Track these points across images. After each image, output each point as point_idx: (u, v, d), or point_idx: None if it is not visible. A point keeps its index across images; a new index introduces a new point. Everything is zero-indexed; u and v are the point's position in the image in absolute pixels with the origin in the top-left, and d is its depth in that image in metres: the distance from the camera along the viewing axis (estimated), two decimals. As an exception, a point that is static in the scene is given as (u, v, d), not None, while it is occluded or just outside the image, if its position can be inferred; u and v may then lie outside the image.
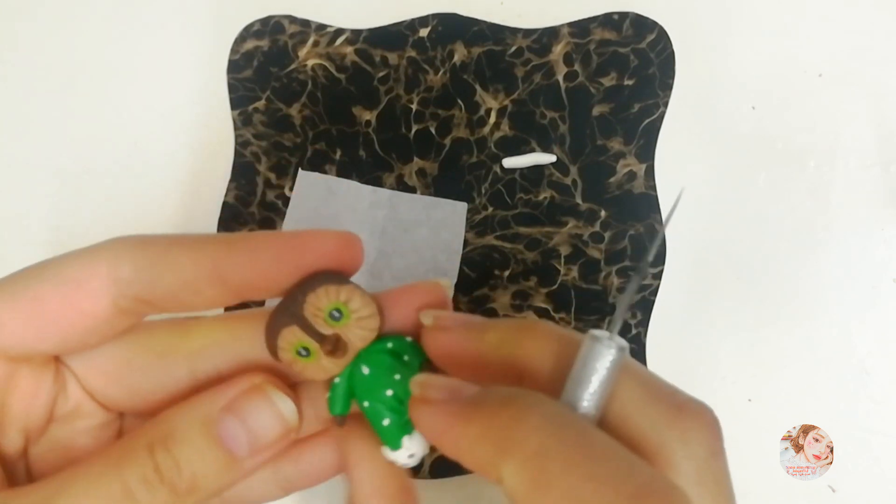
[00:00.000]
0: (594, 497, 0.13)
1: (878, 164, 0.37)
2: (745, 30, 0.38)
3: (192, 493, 0.16)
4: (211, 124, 0.40)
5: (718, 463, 0.15)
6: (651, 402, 0.15)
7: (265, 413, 0.16)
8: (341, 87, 0.38)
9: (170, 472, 0.15)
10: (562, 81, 0.38)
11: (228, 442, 0.16)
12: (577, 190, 0.37)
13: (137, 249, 0.17)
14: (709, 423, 0.15)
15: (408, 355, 0.18)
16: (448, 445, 0.15)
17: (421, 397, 0.16)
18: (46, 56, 0.41)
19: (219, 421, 0.16)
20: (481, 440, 0.14)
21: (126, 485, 0.15)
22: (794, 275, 0.36)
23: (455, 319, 0.17)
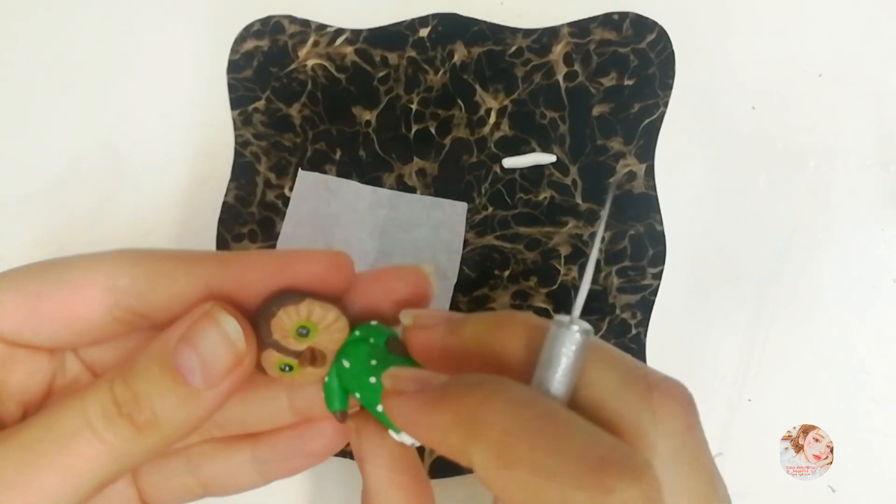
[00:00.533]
0: (559, 470, 0.13)
1: (878, 163, 0.37)
2: (745, 30, 0.38)
3: (152, 427, 0.16)
4: (211, 124, 0.40)
5: (694, 437, 0.15)
6: (623, 383, 0.15)
7: (214, 337, 0.16)
8: (341, 87, 0.38)
9: (128, 405, 0.15)
10: (562, 81, 0.38)
11: (184, 371, 0.16)
12: (577, 190, 0.37)
13: (136, 262, 0.17)
14: (681, 398, 0.15)
15: (373, 338, 0.18)
16: (422, 434, 0.16)
17: (393, 389, 0.16)
18: (46, 56, 0.41)
19: (175, 351, 0.16)
20: (451, 426, 0.15)
21: (87, 417, 0.15)
22: (794, 275, 0.36)
23: (434, 317, 0.17)
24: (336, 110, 0.38)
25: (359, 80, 0.38)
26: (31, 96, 0.41)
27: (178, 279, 0.17)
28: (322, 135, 0.38)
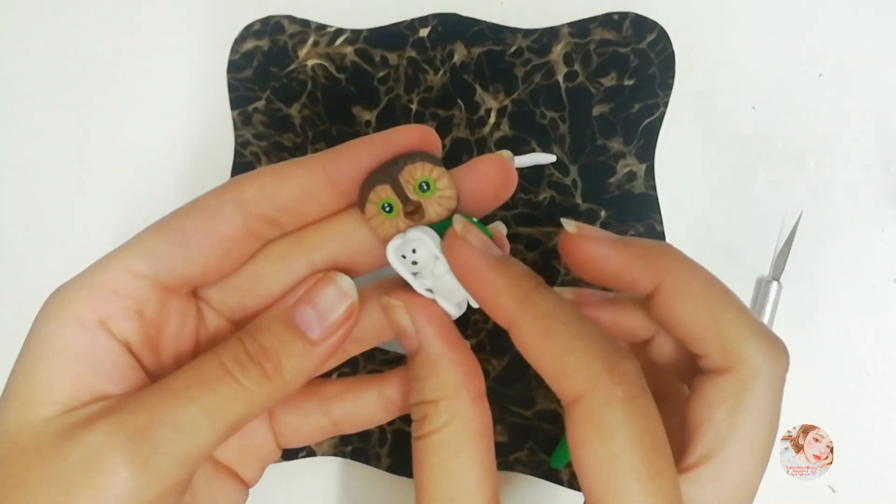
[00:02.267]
0: (584, 347, 0.17)
1: (878, 164, 0.37)
2: (745, 30, 0.38)
3: (278, 373, 0.18)
4: (211, 124, 0.40)
5: (781, 390, 0.20)
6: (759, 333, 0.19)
7: (330, 293, 0.19)
8: (341, 87, 0.38)
9: (257, 355, 0.18)
10: (562, 81, 0.38)
11: (302, 326, 0.19)
12: (577, 190, 0.37)
13: (257, 175, 0.19)
14: (786, 355, 0.20)
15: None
16: (475, 283, 0.19)
17: (461, 236, 0.19)
18: (46, 56, 0.41)
19: (294, 309, 0.19)
20: (506, 291, 0.18)
21: (223, 365, 0.18)
22: (794, 275, 0.36)
23: (599, 232, 0.20)
24: (336, 110, 0.38)
25: (359, 81, 0.38)
26: (30, 96, 0.41)
27: (296, 175, 0.19)
28: (322, 135, 0.38)
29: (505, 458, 0.36)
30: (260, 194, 0.19)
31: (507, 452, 0.36)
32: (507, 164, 0.21)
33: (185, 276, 0.19)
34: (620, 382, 0.17)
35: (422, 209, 0.19)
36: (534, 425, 0.36)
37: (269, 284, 0.21)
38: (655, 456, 0.17)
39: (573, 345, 0.17)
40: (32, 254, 0.40)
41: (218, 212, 0.19)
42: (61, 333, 0.18)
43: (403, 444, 0.36)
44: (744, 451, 0.19)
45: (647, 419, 0.17)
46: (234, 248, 0.20)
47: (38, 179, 0.40)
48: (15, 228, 0.40)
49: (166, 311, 0.20)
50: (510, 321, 0.18)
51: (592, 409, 0.17)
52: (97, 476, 0.16)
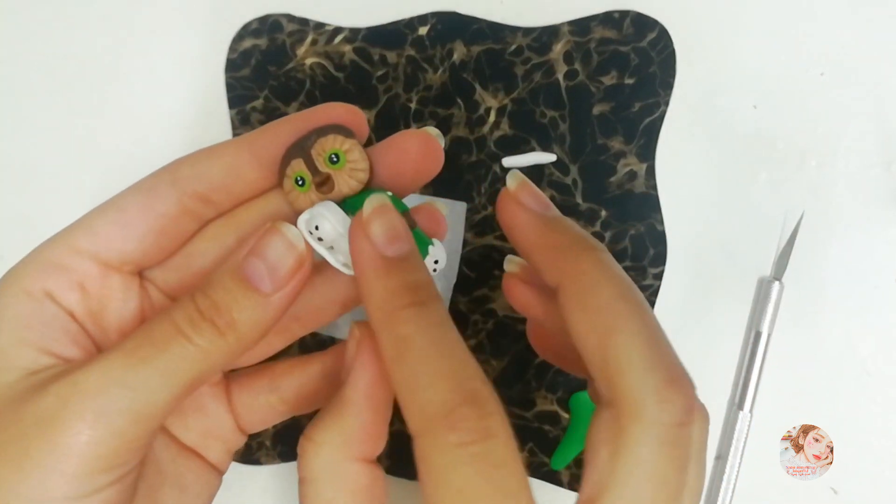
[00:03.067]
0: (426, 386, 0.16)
1: (880, 163, 0.37)
2: (746, 28, 0.38)
3: (231, 329, 0.18)
4: (209, 123, 0.39)
5: (685, 434, 0.17)
6: (651, 365, 0.17)
7: (278, 244, 0.19)
8: (340, 86, 0.38)
9: (209, 311, 0.18)
10: (562, 80, 0.37)
11: (254, 280, 0.19)
12: (577, 189, 0.37)
13: (191, 155, 0.20)
14: (688, 401, 0.17)
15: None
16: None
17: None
18: (44, 55, 0.41)
19: (244, 262, 0.19)
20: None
21: (175, 324, 0.18)
22: (795, 275, 0.36)
23: (533, 201, 0.20)
24: (335, 109, 0.38)
25: (357, 79, 0.38)
26: (27, 95, 0.41)
27: (225, 154, 0.20)
28: (321, 134, 0.38)
29: (505, 459, 0.36)
30: (192, 172, 0.20)
31: (506, 453, 0.36)
32: (430, 140, 0.20)
33: (123, 252, 0.20)
34: (454, 428, 0.16)
35: (331, 181, 0.20)
36: (533, 427, 0.36)
37: (203, 263, 0.21)
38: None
39: (417, 381, 0.17)
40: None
41: (153, 190, 0.20)
42: (11, 304, 0.19)
43: (402, 446, 0.36)
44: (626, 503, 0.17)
45: (482, 464, 0.16)
46: (170, 226, 0.20)
47: (35, 178, 0.40)
48: (13, 228, 0.40)
49: (108, 286, 0.20)
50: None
51: (423, 450, 0.17)
52: (52, 433, 0.17)
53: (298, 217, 0.20)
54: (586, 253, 0.19)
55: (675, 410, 0.16)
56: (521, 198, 0.20)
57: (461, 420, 0.16)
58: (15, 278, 0.19)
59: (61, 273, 0.19)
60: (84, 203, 0.40)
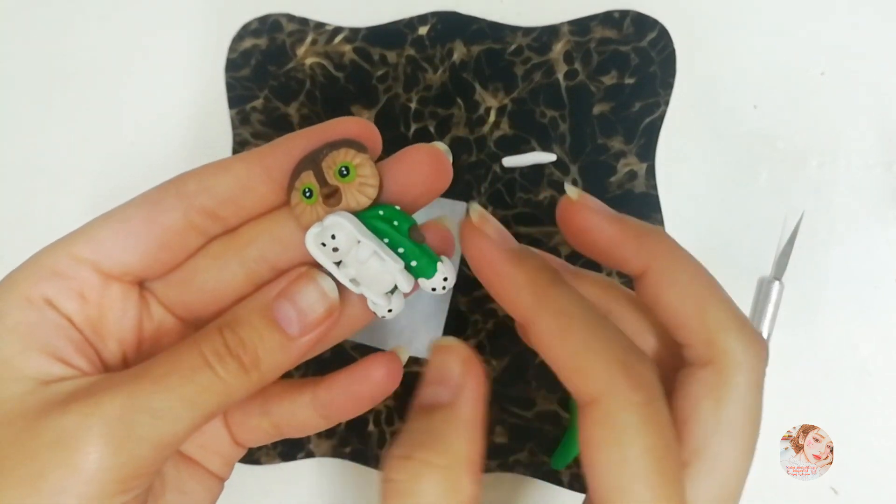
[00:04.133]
0: (602, 348, 0.17)
1: (880, 163, 0.37)
2: (746, 28, 0.38)
3: (255, 367, 0.19)
4: (209, 123, 0.39)
5: (761, 382, 0.19)
6: (740, 325, 0.19)
7: (311, 292, 0.19)
8: (340, 86, 0.38)
9: (236, 348, 0.18)
10: (562, 80, 0.37)
11: (282, 322, 0.19)
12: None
13: (199, 169, 0.20)
14: (766, 354, 0.19)
15: (397, 221, 0.20)
16: (491, 277, 0.19)
17: (478, 227, 0.19)
18: (43, 55, 0.41)
19: (274, 304, 0.19)
20: (523, 286, 0.18)
21: (203, 355, 0.18)
22: (795, 275, 0.36)
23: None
24: (334, 109, 0.38)
25: (357, 79, 0.38)
26: (27, 95, 0.41)
27: (235, 168, 0.19)
28: (320, 134, 0.38)
29: (505, 460, 0.36)
30: (199, 186, 0.19)
31: (507, 453, 0.36)
32: (439, 155, 0.20)
33: (125, 263, 0.20)
34: (638, 386, 0.17)
35: (339, 194, 0.19)
36: (534, 426, 0.36)
37: (204, 279, 0.21)
38: (666, 463, 0.17)
39: (591, 345, 0.17)
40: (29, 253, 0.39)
41: (159, 203, 0.20)
42: (12, 312, 0.19)
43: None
44: (732, 445, 0.19)
45: (660, 425, 0.17)
46: (174, 240, 0.20)
47: (35, 178, 0.40)
48: (12, 228, 0.40)
49: (108, 296, 0.20)
50: (527, 317, 0.18)
51: (609, 412, 0.17)
52: (71, 455, 0.17)
53: (309, 229, 0.19)
54: (662, 236, 0.20)
55: (763, 358, 0.19)
56: (588, 203, 0.21)
57: (642, 377, 0.17)
58: (14, 285, 0.19)
59: (61, 280, 0.19)
60: (84, 203, 0.40)
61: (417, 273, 0.20)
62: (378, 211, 0.20)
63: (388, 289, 0.20)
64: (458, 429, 0.19)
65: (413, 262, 0.20)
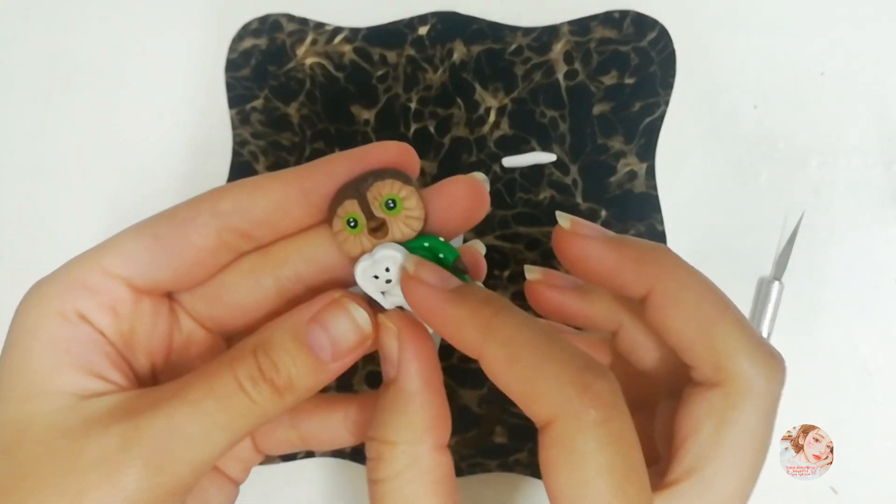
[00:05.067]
0: (553, 370, 0.17)
1: (880, 163, 0.37)
2: (746, 28, 0.38)
3: (289, 390, 0.19)
4: (208, 123, 0.39)
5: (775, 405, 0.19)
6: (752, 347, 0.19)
7: (344, 322, 0.19)
8: (340, 86, 0.38)
9: (269, 372, 0.18)
10: (562, 80, 0.37)
11: (315, 348, 0.19)
12: (577, 189, 0.37)
13: (234, 188, 0.20)
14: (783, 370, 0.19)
15: (442, 253, 0.20)
16: (435, 320, 0.19)
17: (415, 275, 0.19)
18: (43, 56, 0.41)
19: (307, 330, 0.19)
20: (466, 323, 0.18)
21: (238, 380, 0.18)
22: (795, 275, 0.36)
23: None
24: (334, 109, 0.38)
25: (357, 79, 0.38)
26: (27, 96, 0.41)
27: (272, 189, 0.19)
28: (320, 134, 0.38)
29: (505, 460, 0.36)
30: (234, 207, 0.19)
31: (507, 453, 0.36)
32: (479, 187, 0.21)
33: (156, 280, 0.20)
34: (593, 405, 0.16)
35: (385, 227, 0.19)
36: (534, 426, 0.36)
37: (235, 296, 0.21)
38: (627, 483, 0.16)
39: (541, 368, 0.17)
40: (32, 254, 0.39)
41: (192, 221, 0.19)
42: (46, 326, 0.19)
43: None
44: (729, 469, 0.19)
45: (620, 444, 0.17)
46: (207, 258, 0.20)
47: (35, 178, 0.40)
48: (11, 228, 0.40)
49: (139, 310, 0.20)
50: (476, 352, 0.18)
51: (563, 433, 0.17)
52: (112, 475, 0.17)
53: (359, 259, 0.19)
54: (664, 256, 0.20)
55: (778, 380, 0.19)
56: (580, 230, 0.21)
57: (599, 395, 0.16)
58: (44, 298, 0.19)
59: (93, 295, 0.19)
60: (84, 203, 0.40)
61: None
62: (423, 242, 0.20)
63: None
64: (405, 403, 0.19)
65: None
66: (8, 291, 0.42)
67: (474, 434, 0.36)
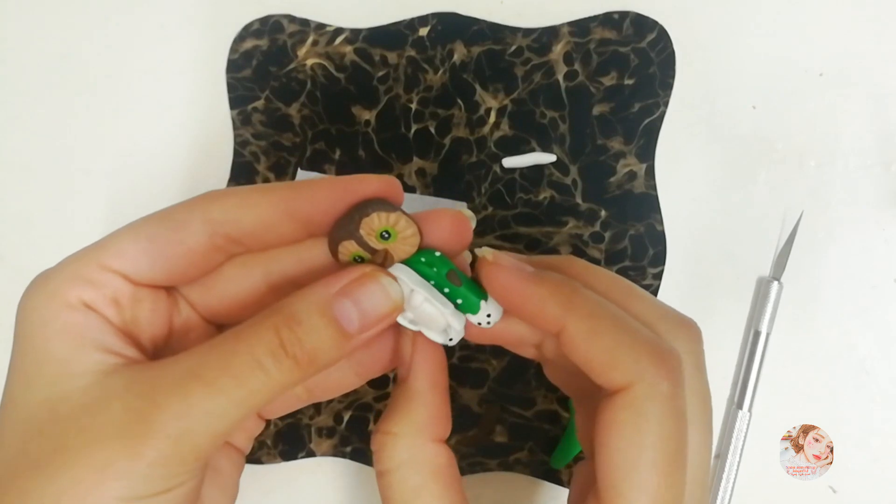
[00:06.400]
0: (631, 343, 0.19)
1: (878, 163, 0.37)
2: (745, 29, 0.38)
3: (311, 364, 0.19)
4: (210, 124, 0.39)
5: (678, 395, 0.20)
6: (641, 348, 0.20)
7: (377, 294, 0.20)
8: (340, 87, 0.38)
9: (293, 347, 0.19)
10: (562, 81, 0.38)
11: (343, 321, 0.19)
12: (577, 190, 0.37)
13: (226, 196, 0.21)
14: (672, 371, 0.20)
15: (436, 267, 0.21)
16: (518, 298, 0.20)
17: (494, 262, 0.20)
18: (44, 56, 0.41)
19: (334, 303, 0.19)
20: (549, 299, 0.20)
21: (256, 357, 0.19)
22: (794, 275, 0.36)
23: (510, 262, 0.21)
24: (335, 110, 0.38)
25: (358, 80, 0.38)
26: (29, 96, 0.41)
27: (260, 205, 0.20)
28: (321, 134, 0.38)
29: (505, 459, 0.36)
30: (224, 217, 0.20)
31: (507, 453, 0.36)
32: (464, 221, 0.22)
33: (152, 278, 0.21)
34: (666, 378, 0.18)
35: (390, 255, 0.21)
36: (534, 426, 0.36)
37: (227, 286, 0.22)
38: (678, 456, 0.18)
39: (621, 340, 0.19)
40: (32, 254, 0.40)
41: (186, 225, 0.20)
42: (57, 316, 0.19)
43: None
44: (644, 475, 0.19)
45: (679, 418, 0.18)
46: (199, 259, 0.21)
47: (36, 178, 0.40)
48: (12, 228, 0.40)
49: (139, 300, 0.21)
50: (558, 325, 0.20)
51: (636, 399, 0.18)
52: (136, 447, 0.18)
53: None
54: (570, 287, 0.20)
55: (663, 383, 0.19)
56: (501, 262, 0.21)
57: (671, 370, 0.18)
58: (49, 290, 0.20)
59: (95, 288, 0.20)
60: (85, 203, 0.40)
61: (463, 310, 0.21)
62: (420, 258, 0.21)
63: (443, 327, 0.21)
64: (411, 399, 0.21)
65: (458, 301, 0.21)
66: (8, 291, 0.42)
67: (474, 433, 0.36)
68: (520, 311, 0.20)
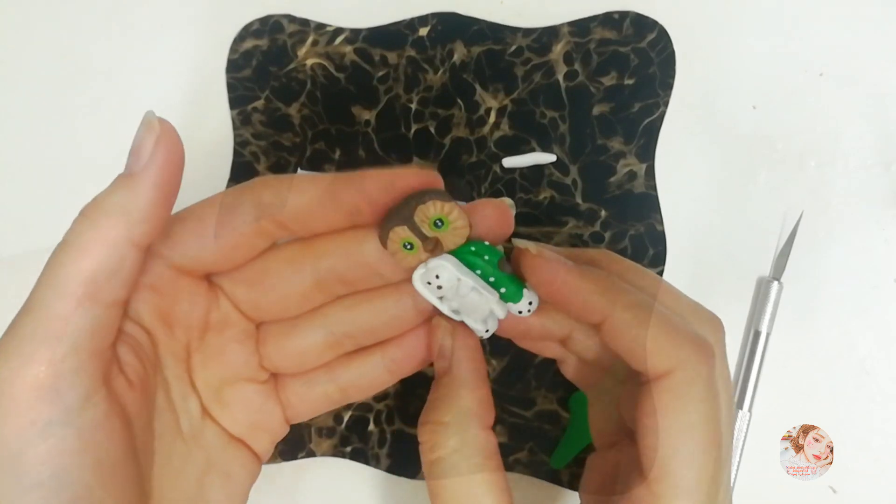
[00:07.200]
0: (673, 332, 0.20)
1: (878, 163, 0.37)
2: (745, 29, 0.38)
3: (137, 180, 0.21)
4: (210, 124, 0.40)
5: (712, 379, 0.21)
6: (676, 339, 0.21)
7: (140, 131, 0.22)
8: (340, 87, 0.38)
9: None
10: (562, 81, 0.38)
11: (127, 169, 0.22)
12: (577, 189, 0.37)
13: (275, 181, 0.21)
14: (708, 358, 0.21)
15: (487, 255, 0.22)
16: (564, 289, 0.21)
17: (539, 255, 0.21)
18: (44, 56, 0.41)
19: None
20: (594, 292, 0.21)
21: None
22: (794, 275, 0.36)
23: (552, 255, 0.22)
24: (335, 110, 0.38)
25: (358, 80, 0.38)
26: (28, 96, 0.41)
27: (309, 191, 0.21)
28: (321, 134, 0.38)
29: (505, 459, 0.36)
30: (275, 200, 0.21)
31: (507, 453, 0.36)
32: (506, 210, 0.22)
33: (197, 260, 0.21)
34: (706, 363, 0.20)
35: (440, 244, 0.21)
36: (534, 426, 0.36)
37: (273, 282, 0.22)
38: (716, 434, 0.20)
39: (664, 329, 0.20)
40: (31, 254, 0.40)
41: (235, 208, 0.21)
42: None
43: (403, 445, 0.36)
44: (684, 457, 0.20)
45: (715, 401, 0.20)
46: (246, 243, 0.22)
47: (35, 178, 0.40)
48: (13, 229, 0.40)
49: (178, 289, 0.22)
50: (602, 315, 0.21)
51: (679, 383, 0.20)
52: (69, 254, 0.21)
53: (413, 273, 0.22)
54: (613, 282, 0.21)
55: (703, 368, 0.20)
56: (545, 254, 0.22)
57: (709, 357, 0.20)
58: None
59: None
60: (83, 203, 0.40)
61: (506, 298, 0.22)
62: (470, 247, 0.22)
63: (485, 315, 0.22)
64: (457, 388, 0.22)
65: (502, 290, 0.22)
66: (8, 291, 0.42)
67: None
68: (566, 302, 0.21)
